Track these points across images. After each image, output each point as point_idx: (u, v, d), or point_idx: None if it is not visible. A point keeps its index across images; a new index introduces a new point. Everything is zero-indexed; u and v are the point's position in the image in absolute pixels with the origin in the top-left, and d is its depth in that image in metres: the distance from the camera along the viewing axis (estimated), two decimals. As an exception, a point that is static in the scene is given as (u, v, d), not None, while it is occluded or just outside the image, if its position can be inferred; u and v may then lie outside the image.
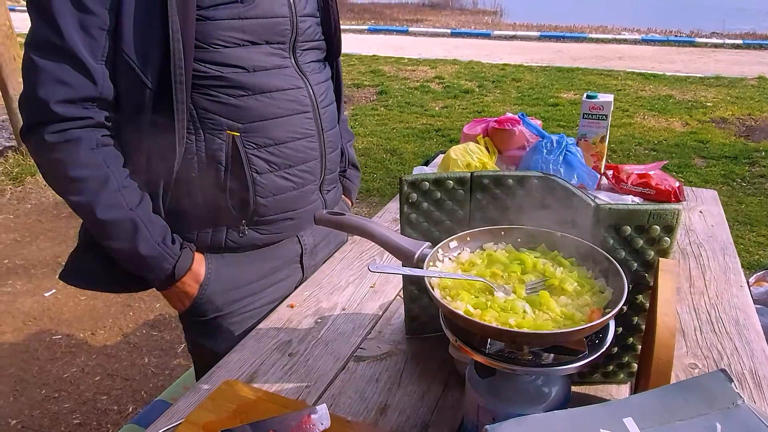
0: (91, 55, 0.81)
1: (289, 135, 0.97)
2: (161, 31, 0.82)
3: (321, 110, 1.03)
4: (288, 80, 0.97)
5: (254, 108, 0.93)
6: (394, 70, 8.05)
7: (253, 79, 0.92)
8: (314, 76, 1.03)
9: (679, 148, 4.63)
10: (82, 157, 0.85)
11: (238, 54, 0.90)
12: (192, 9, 0.83)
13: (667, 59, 9.09)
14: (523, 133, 1.59)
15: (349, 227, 0.79)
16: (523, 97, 6.45)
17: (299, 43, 0.99)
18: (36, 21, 0.81)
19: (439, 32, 12.90)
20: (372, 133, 5.11)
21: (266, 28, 0.93)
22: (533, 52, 10.05)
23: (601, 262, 0.70)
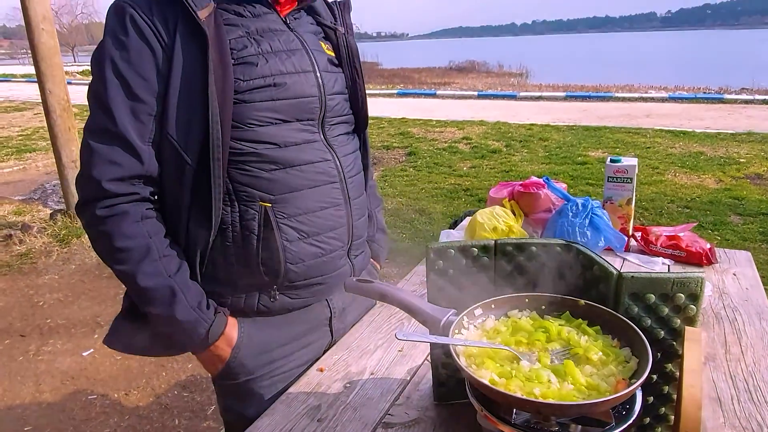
0: (140, 138, 0.90)
1: (317, 204, 1.03)
2: (202, 115, 0.90)
3: (348, 180, 1.08)
4: (317, 154, 1.03)
5: (285, 180, 0.99)
6: (422, 132, 8.27)
7: (284, 153, 0.98)
8: (342, 149, 1.09)
9: (714, 206, 4.55)
10: (127, 229, 0.92)
11: (271, 131, 0.97)
12: (230, 94, 0.91)
13: (696, 116, 9.08)
14: (548, 197, 1.62)
15: (378, 294, 0.82)
16: (551, 156, 6.51)
17: (328, 119, 1.06)
18: (93, 109, 0.91)
19: (466, 94, 13.27)
20: (401, 194, 5.21)
21: (297, 107, 0.99)
22: (559, 111, 10.21)
23: (626, 331, 0.70)
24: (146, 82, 0.89)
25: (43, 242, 4.29)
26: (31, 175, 6.86)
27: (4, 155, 8.00)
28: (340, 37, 1.12)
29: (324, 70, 1.05)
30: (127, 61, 0.88)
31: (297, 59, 1.00)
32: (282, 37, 1.00)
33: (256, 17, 0.99)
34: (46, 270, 3.85)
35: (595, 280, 0.79)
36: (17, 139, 9.34)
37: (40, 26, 4.00)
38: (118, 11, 0.89)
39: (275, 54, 0.97)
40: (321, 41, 1.10)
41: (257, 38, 0.97)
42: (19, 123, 11.22)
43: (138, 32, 0.88)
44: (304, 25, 1.08)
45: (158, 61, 0.89)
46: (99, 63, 0.89)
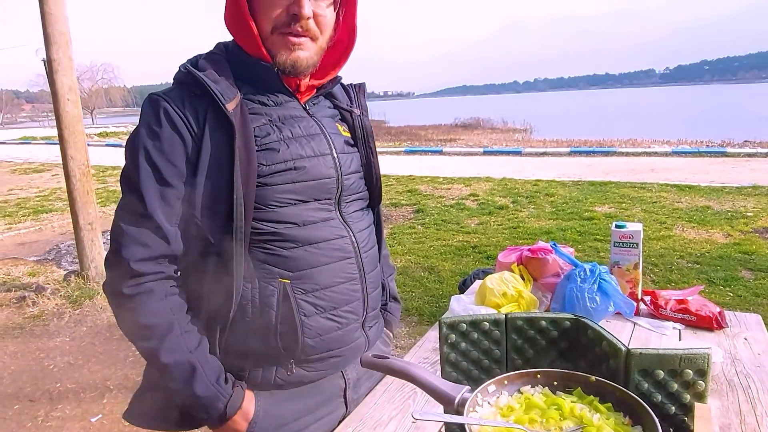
0: (167, 220, 0.96)
1: (334, 280, 1.06)
2: (227, 198, 0.95)
3: (363, 255, 1.12)
4: (333, 231, 1.07)
5: (303, 258, 1.03)
6: (430, 189, 8.40)
7: (302, 232, 1.03)
8: (357, 225, 1.13)
9: (724, 261, 4.53)
10: (152, 307, 0.96)
11: (291, 212, 1.02)
12: (253, 179, 0.97)
13: (700, 170, 9.18)
14: (556, 261, 1.65)
15: (393, 371, 0.85)
16: (558, 211, 6.56)
17: (344, 197, 1.11)
18: (126, 192, 0.97)
19: (472, 151, 13.53)
20: (410, 252, 5.25)
21: (315, 188, 1.05)
22: (564, 167, 10.36)
23: (637, 409, 0.72)
24: (176, 168, 0.96)
25: (56, 304, 4.33)
26: (47, 235, 7.00)
27: (22, 216, 8.19)
28: (355, 118, 1.19)
29: (341, 152, 1.11)
30: (160, 150, 0.95)
31: (316, 143, 1.06)
32: (302, 123, 1.07)
33: (279, 105, 1.06)
34: (58, 332, 3.87)
35: (604, 355, 0.81)
36: (35, 200, 9.58)
37: (66, 96, 4.22)
38: (153, 104, 0.97)
39: (296, 139, 1.04)
40: (338, 123, 1.16)
41: (279, 125, 1.04)
42: (38, 184, 11.54)
43: (171, 124, 0.95)
44: (322, 109, 1.15)
45: (188, 150, 0.96)
46: (133, 150, 0.96)
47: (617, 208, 6.54)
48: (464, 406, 0.74)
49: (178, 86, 1.01)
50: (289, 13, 0.98)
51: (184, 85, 1.00)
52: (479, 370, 0.91)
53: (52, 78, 4.21)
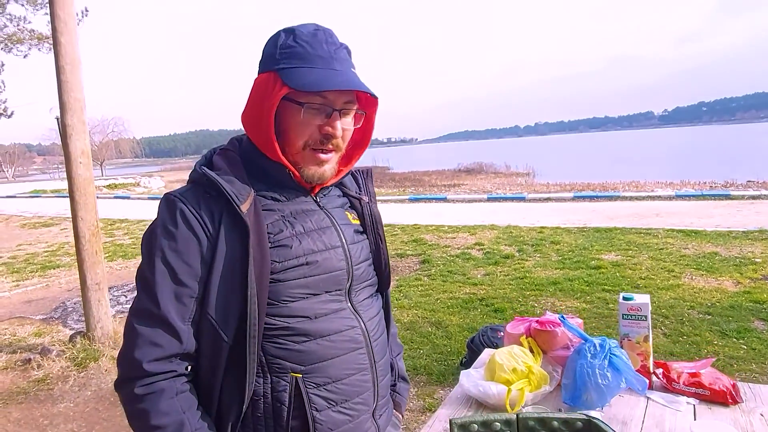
0: (180, 319, 0.97)
1: (345, 372, 1.06)
2: (241, 296, 0.97)
3: (373, 344, 1.13)
4: (344, 322, 1.08)
5: (315, 351, 1.03)
6: (435, 238, 8.41)
7: (314, 325, 1.04)
8: (367, 312, 1.14)
9: (735, 311, 4.47)
10: (163, 406, 0.95)
11: (302, 305, 1.03)
12: (267, 277, 0.98)
13: (705, 213, 9.18)
14: (565, 334, 1.65)
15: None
16: (564, 260, 6.53)
17: (354, 286, 1.12)
18: (140, 291, 0.99)
19: (475, 198, 13.62)
20: (416, 305, 5.21)
21: (327, 281, 1.06)
22: (569, 212, 10.39)
23: None
24: (191, 268, 0.97)
25: (61, 366, 4.29)
26: (54, 292, 7.01)
27: (30, 272, 8.23)
28: (364, 206, 1.22)
29: (351, 243, 1.13)
30: (175, 250, 0.97)
31: (327, 237, 1.08)
32: (313, 216, 1.10)
33: (290, 201, 1.09)
34: (62, 397, 3.82)
35: (618, 460, 0.80)
36: (43, 255, 9.65)
37: (78, 160, 4.33)
38: (170, 204, 1.00)
39: (307, 234, 1.06)
40: (347, 211, 1.19)
41: (291, 220, 1.06)
42: (47, 239, 11.65)
43: (186, 224, 0.98)
44: (333, 199, 1.18)
45: (203, 250, 0.98)
46: (150, 250, 0.99)
47: (624, 256, 6.51)
48: None
49: (194, 186, 1.03)
50: (321, 133, 1.02)
51: (199, 185, 1.03)
52: (492, 470, 0.90)
53: (66, 142, 4.33)
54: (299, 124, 1.01)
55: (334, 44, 1.02)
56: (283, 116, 1.02)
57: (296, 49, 1.00)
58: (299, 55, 0.99)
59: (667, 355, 3.73)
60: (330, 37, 1.02)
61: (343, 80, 0.99)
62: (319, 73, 0.98)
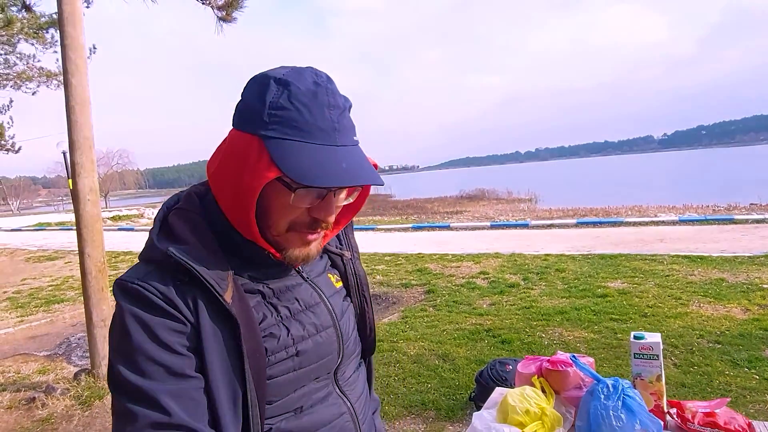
0: (201, 422, 0.78)
1: None
2: (235, 400, 0.80)
3: (362, 427, 0.99)
4: (332, 410, 0.93)
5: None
6: (439, 268, 8.39)
7: (300, 421, 0.88)
8: (354, 392, 1.00)
9: (745, 339, 4.42)
10: None
11: (287, 401, 0.87)
12: (264, 374, 0.82)
13: (710, 239, 9.15)
14: (577, 374, 1.64)
15: None
16: (570, 288, 6.50)
17: (342, 366, 0.97)
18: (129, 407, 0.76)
19: (479, 225, 13.63)
20: (423, 337, 5.17)
21: (317, 369, 0.91)
22: (572, 239, 10.37)
23: None
24: (183, 357, 0.78)
25: (65, 405, 4.25)
26: (58, 327, 6.98)
27: (34, 307, 8.21)
28: (347, 263, 1.06)
29: (341, 317, 0.97)
30: (156, 339, 0.76)
31: (317, 317, 0.93)
32: (299, 292, 0.93)
33: (270, 278, 0.90)
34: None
35: None
36: (47, 289, 9.64)
37: (87, 197, 4.38)
38: (131, 293, 0.78)
39: (294, 318, 0.89)
40: (329, 273, 1.02)
41: (274, 303, 0.88)
42: (51, 272, 11.65)
43: (160, 311, 0.77)
44: (315, 263, 1.00)
45: (188, 338, 0.78)
46: (122, 352, 0.77)
47: (630, 283, 6.48)
48: None
49: (158, 270, 0.80)
50: (311, 216, 0.84)
51: (164, 268, 0.80)
52: None
53: (75, 180, 4.39)
54: (287, 207, 0.82)
55: (337, 107, 0.80)
56: (266, 195, 0.81)
57: (291, 113, 0.77)
58: (294, 123, 0.77)
59: (678, 387, 3.68)
60: (332, 97, 0.79)
61: (350, 172, 0.78)
62: (319, 156, 0.76)
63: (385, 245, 11.13)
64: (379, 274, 8.24)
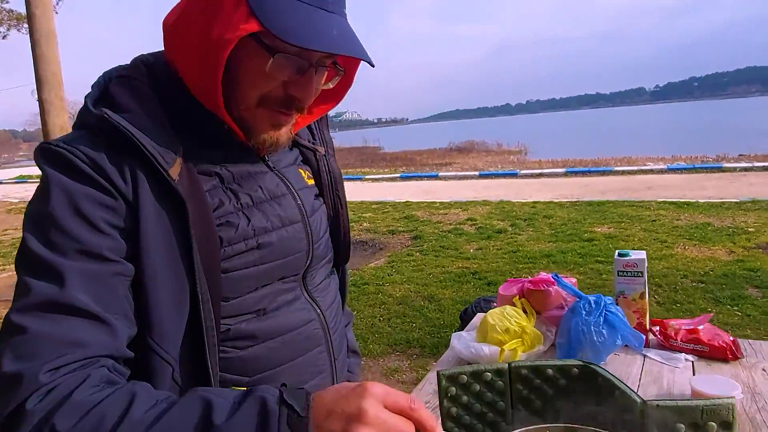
0: (103, 307, 0.65)
1: (300, 379, 0.86)
2: (185, 295, 0.71)
3: (333, 338, 0.92)
4: (299, 316, 0.86)
5: (263, 357, 0.81)
6: (427, 215, 8.35)
7: (263, 324, 0.81)
8: (325, 299, 0.92)
9: (729, 278, 4.46)
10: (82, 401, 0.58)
11: (248, 301, 0.79)
12: (217, 266, 0.74)
13: (697, 186, 9.17)
14: (559, 293, 1.59)
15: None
16: (557, 233, 6.50)
17: (311, 269, 0.89)
18: (27, 281, 0.63)
19: (467, 175, 13.55)
20: (409, 280, 5.16)
21: (283, 267, 0.83)
22: (561, 188, 10.35)
23: (658, 470, 0.65)
24: (107, 238, 0.66)
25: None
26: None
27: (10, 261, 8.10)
28: (320, 160, 0.97)
29: (311, 214, 0.89)
30: (77, 212, 0.65)
31: (283, 209, 0.84)
32: (263, 181, 0.83)
33: (230, 160, 0.80)
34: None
35: (618, 407, 0.74)
36: (29, 239, 9.50)
37: (57, 136, 4.20)
38: (55, 157, 0.67)
39: (257, 207, 0.80)
40: (300, 169, 0.93)
41: (234, 188, 0.79)
42: (33, 223, 11.46)
43: (88, 180, 0.67)
44: (283, 154, 0.91)
45: (121, 215, 0.68)
46: (38, 221, 0.66)
47: (617, 228, 6.48)
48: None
49: (89, 135, 0.69)
50: (287, 92, 0.74)
51: (98, 134, 0.69)
52: (483, 424, 0.84)
53: (44, 119, 4.20)
54: (261, 75, 0.72)
55: None
56: (238, 56, 0.69)
57: None
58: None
59: (661, 323, 3.72)
60: None
61: (342, 40, 0.69)
62: (308, 16, 0.67)
63: (372, 194, 11.06)
64: (366, 221, 8.19)
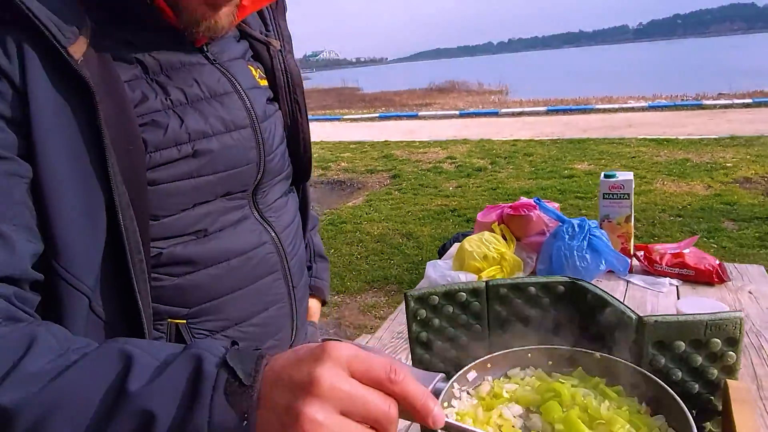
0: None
1: (251, 310, 0.74)
2: (99, 207, 0.58)
3: (290, 263, 0.80)
4: (248, 237, 0.74)
5: (204, 285, 0.69)
6: (406, 154, 8.19)
7: (204, 248, 0.68)
8: (280, 220, 0.79)
9: (706, 212, 4.47)
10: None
11: (185, 221, 0.67)
12: (142, 173, 0.61)
13: (677, 123, 9.12)
14: (541, 218, 1.50)
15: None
16: (537, 171, 6.44)
17: (263, 184, 0.76)
18: None
19: (447, 114, 13.30)
20: (387, 218, 5.08)
21: (226, 181, 0.70)
22: (542, 126, 10.22)
23: (657, 392, 0.56)
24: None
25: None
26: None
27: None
28: (275, 55, 0.81)
29: (263, 119, 0.75)
30: None
31: (227, 110, 0.70)
32: (201, 75, 0.69)
33: (158, 48, 0.65)
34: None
35: (609, 325, 0.65)
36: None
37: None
38: None
39: (192, 106, 0.66)
40: (250, 65, 0.78)
41: (161, 80, 0.65)
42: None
43: None
44: (229, 44, 0.75)
45: (7, 102, 0.53)
46: None
47: (597, 165, 6.44)
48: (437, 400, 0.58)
49: None
50: None
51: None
52: (457, 350, 0.75)
53: None
54: None
55: None
56: None
57: None
58: None
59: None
60: None
61: None
62: None
63: (350, 134, 10.80)
64: (344, 161, 8.00)
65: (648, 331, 0.61)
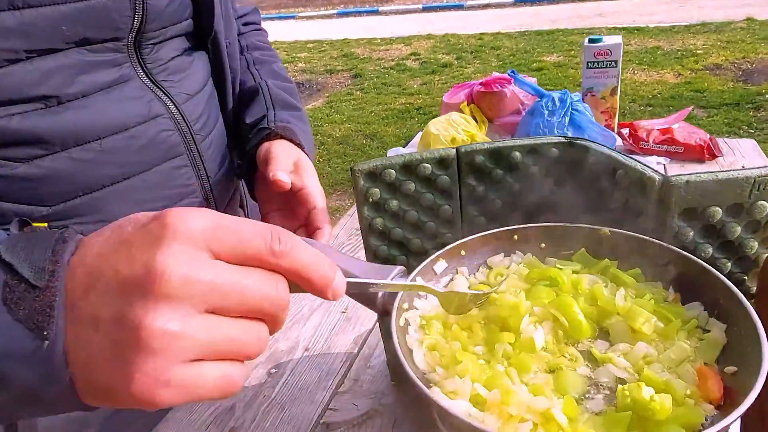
0: None
1: (144, 208, 0.53)
2: None
3: (200, 144, 0.62)
4: (129, 107, 0.55)
5: (66, 175, 0.51)
6: (367, 52, 7.72)
7: (53, 120, 0.50)
8: (182, 86, 0.61)
9: (676, 101, 4.37)
10: None
11: (16, 79, 0.47)
12: None
13: (647, 11, 8.79)
14: (516, 95, 1.31)
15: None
16: (505, 64, 6.14)
17: (148, 34, 0.57)
18: None
19: (410, 9, 12.52)
20: (349, 119, 4.81)
21: (79, 20, 0.49)
22: (509, 18, 9.73)
23: (689, 274, 0.42)
24: None
25: None
26: None
27: None
28: None
29: None
30: None
31: None
32: None
33: None
34: None
35: (620, 192, 0.49)
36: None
37: None
38: None
39: None
40: None
41: None
42: None
43: None
44: None
45: None
46: None
47: (566, 56, 6.19)
48: (394, 303, 0.42)
49: None
50: None
51: None
52: (422, 239, 0.59)
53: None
54: None
55: None
56: None
57: None
58: None
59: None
60: None
61: None
62: None
63: (307, 33, 10.08)
64: (301, 61, 7.49)
65: (676, 195, 0.45)
